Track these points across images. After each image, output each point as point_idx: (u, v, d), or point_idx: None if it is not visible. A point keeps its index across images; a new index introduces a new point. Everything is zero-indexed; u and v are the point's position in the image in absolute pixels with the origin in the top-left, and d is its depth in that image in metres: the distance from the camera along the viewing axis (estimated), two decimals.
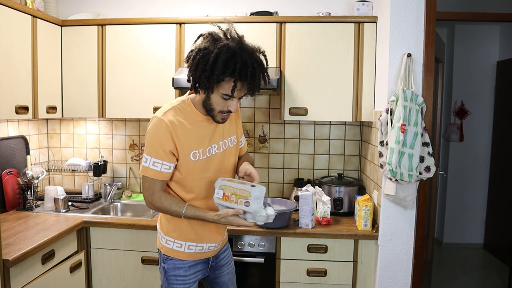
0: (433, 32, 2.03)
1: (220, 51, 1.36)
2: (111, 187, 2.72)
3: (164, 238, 1.63)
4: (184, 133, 1.48)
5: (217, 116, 1.50)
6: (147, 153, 1.48)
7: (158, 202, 1.51)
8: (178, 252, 1.62)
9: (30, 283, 1.85)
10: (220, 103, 1.46)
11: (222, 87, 1.41)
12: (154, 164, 1.47)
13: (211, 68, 1.36)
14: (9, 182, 2.45)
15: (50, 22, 2.48)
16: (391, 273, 2.15)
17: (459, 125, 4.34)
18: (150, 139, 1.47)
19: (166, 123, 1.45)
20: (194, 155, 1.51)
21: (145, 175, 1.49)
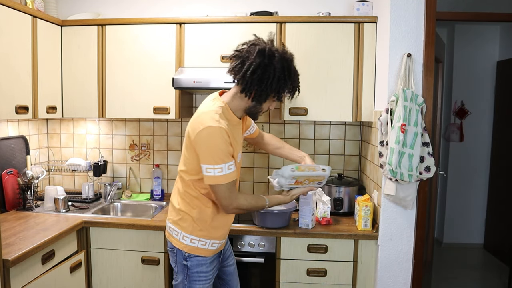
0: (433, 32, 2.03)
1: (281, 72, 1.55)
2: (111, 187, 2.72)
3: (188, 237, 1.69)
4: (233, 136, 1.61)
5: (257, 114, 1.69)
6: (220, 162, 1.53)
7: (244, 203, 1.63)
8: (203, 250, 1.71)
9: (30, 283, 1.85)
10: (267, 105, 1.67)
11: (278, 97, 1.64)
12: (229, 168, 1.56)
13: (278, 87, 1.57)
14: (9, 182, 2.45)
15: (50, 22, 2.48)
16: (391, 273, 2.15)
17: (459, 125, 4.34)
18: (217, 147, 1.52)
19: (224, 130, 1.53)
20: (238, 156, 1.71)
21: (225, 182, 1.55)
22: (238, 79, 1.59)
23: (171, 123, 2.91)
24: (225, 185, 1.56)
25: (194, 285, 1.72)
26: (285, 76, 1.57)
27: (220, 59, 2.46)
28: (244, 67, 1.55)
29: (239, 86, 1.60)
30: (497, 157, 4.26)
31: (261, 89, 1.55)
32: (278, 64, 1.54)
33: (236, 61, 1.60)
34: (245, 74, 1.54)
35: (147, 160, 2.94)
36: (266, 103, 1.64)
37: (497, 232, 4.20)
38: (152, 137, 2.93)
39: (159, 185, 2.79)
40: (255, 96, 1.58)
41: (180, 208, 1.72)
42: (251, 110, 1.66)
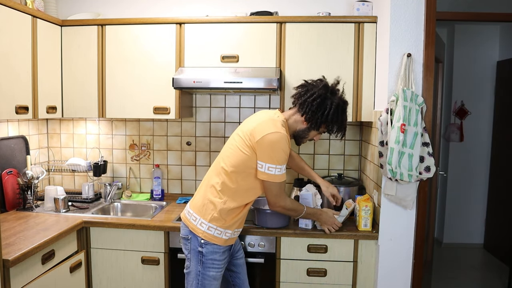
0: (433, 32, 2.03)
1: (337, 107, 1.82)
2: (111, 187, 2.72)
3: (206, 225, 1.83)
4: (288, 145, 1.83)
5: (303, 141, 1.93)
6: (281, 163, 1.76)
7: (289, 203, 1.90)
8: (218, 238, 1.83)
9: (30, 283, 1.85)
10: (314, 135, 1.91)
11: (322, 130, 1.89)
12: (284, 170, 1.79)
13: (331, 119, 1.82)
14: (9, 182, 2.45)
15: (50, 22, 2.48)
16: (391, 273, 2.15)
17: (459, 125, 4.34)
18: (280, 150, 1.74)
19: (288, 138, 1.79)
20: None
21: (280, 181, 1.78)
22: (299, 103, 1.86)
23: (171, 123, 2.91)
24: (279, 183, 1.79)
25: (208, 272, 1.84)
26: (339, 112, 1.83)
27: (220, 59, 2.46)
28: (308, 93, 1.83)
29: (298, 108, 1.86)
30: (497, 157, 4.26)
31: (317, 116, 1.81)
32: (336, 100, 1.83)
33: (301, 88, 1.88)
34: (307, 99, 1.82)
35: (147, 160, 2.94)
36: (314, 132, 1.88)
37: (497, 232, 4.20)
38: (152, 137, 2.93)
39: (159, 185, 2.79)
40: (309, 121, 1.84)
41: (206, 195, 1.87)
42: (299, 134, 1.89)
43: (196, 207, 1.88)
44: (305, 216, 2.01)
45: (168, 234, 2.26)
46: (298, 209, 1.96)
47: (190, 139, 2.91)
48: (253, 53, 2.43)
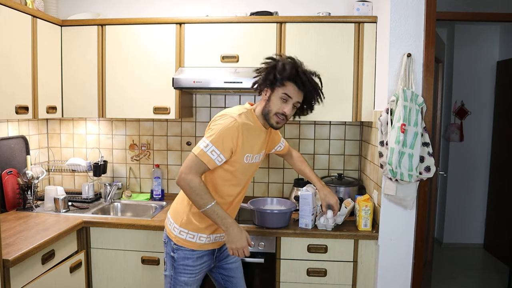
0: (433, 32, 2.03)
1: (286, 63, 1.69)
2: (111, 187, 2.72)
3: (178, 229, 1.78)
4: (248, 137, 1.70)
5: (272, 119, 1.71)
6: (211, 141, 1.62)
7: (196, 183, 1.61)
8: (190, 242, 1.78)
9: (30, 283, 1.85)
10: (278, 105, 1.69)
11: (283, 88, 1.68)
12: (212, 152, 1.62)
13: (279, 73, 1.66)
14: (9, 182, 2.45)
15: (50, 22, 2.48)
16: (391, 273, 2.15)
17: (459, 125, 4.34)
18: (221, 131, 1.63)
19: (239, 124, 1.65)
20: (247, 158, 1.73)
21: (198, 157, 1.61)
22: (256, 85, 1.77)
23: (171, 123, 2.91)
24: (199, 160, 1.62)
25: (179, 277, 1.79)
26: (290, 67, 1.67)
27: (220, 59, 2.46)
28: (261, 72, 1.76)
29: (257, 90, 1.77)
30: (497, 157, 4.26)
31: (267, 79, 1.69)
32: (284, 61, 1.70)
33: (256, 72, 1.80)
34: (260, 74, 1.75)
35: (147, 160, 2.94)
36: (275, 96, 1.69)
37: (497, 232, 4.20)
38: (152, 137, 2.93)
39: (159, 185, 2.79)
40: (266, 85, 1.71)
41: (178, 199, 1.86)
42: (264, 111, 1.72)
43: (172, 210, 1.86)
44: (210, 213, 1.62)
45: None
46: (205, 197, 1.61)
47: (190, 139, 2.91)
48: (253, 53, 2.43)
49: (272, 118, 1.71)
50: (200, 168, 1.62)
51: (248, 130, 1.69)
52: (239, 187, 1.81)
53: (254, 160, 1.79)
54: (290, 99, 1.68)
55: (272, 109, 1.70)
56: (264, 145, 1.86)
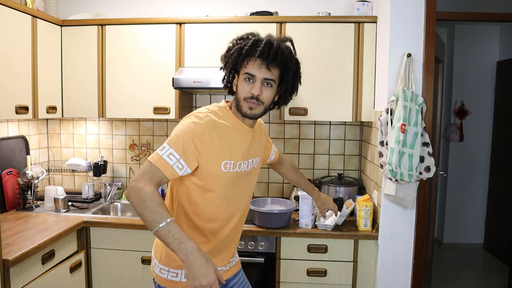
0: (433, 32, 2.03)
1: (247, 42, 1.39)
2: (111, 187, 2.72)
3: (158, 267, 1.44)
4: (222, 138, 1.35)
5: (244, 106, 1.37)
6: (168, 143, 1.29)
7: (143, 192, 1.18)
8: (173, 282, 1.42)
9: (30, 283, 1.85)
10: (244, 88, 1.36)
11: (244, 69, 1.37)
12: (169, 156, 1.26)
13: (238, 52, 1.38)
14: (9, 182, 2.45)
15: (50, 22, 2.48)
16: (391, 273, 2.15)
17: (459, 125, 4.34)
18: (179, 131, 1.30)
19: (204, 123, 1.32)
20: (225, 166, 1.37)
21: (152, 162, 1.25)
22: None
23: (171, 123, 2.91)
24: (151, 165, 1.24)
25: None
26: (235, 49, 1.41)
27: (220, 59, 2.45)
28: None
29: None
30: (497, 157, 4.26)
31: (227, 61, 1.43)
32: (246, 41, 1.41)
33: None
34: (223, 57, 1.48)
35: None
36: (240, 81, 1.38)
37: (497, 232, 4.20)
38: (152, 137, 2.93)
39: None
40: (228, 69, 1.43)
41: None
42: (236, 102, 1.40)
43: (154, 244, 1.51)
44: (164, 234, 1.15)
45: None
46: (157, 212, 1.17)
47: None
48: None
49: (243, 105, 1.37)
50: (154, 175, 1.24)
51: (221, 130, 1.35)
52: (229, 206, 1.42)
53: (241, 169, 1.41)
54: (254, 77, 1.34)
55: (240, 95, 1.38)
56: (256, 150, 1.51)
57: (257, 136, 1.52)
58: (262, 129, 1.60)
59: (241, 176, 1.43)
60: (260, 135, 1.56)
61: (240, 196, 1.47)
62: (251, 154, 1.47)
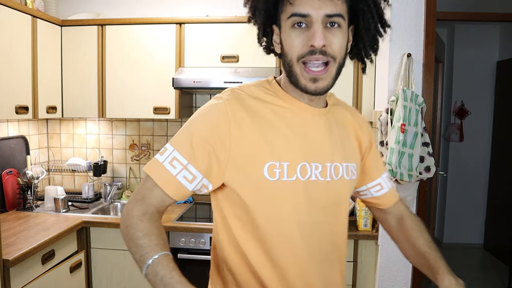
0: (433, 32, 2.03)
1: None
2: (111, 187, 2.72)
3: None
4: (255, 124, 0.84)
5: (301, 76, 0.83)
6: (171, 142, 0.86)
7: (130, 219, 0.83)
8: None
9: (30, 283, 1.85)
10: (295, 40, 0.82)
11: (291, 5, 0.81)
12: (171, 163, 0.82)
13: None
14: (9, 182, 2.45)
15: (50, 22, 2.48)
16: (391, 273, 2.15)
17: (459, 125, 4.34)
18: (188, 122, 0.87)
19: (223, 104, 0.84)
20: (271, 170, 0.83)
21: (148, 174, 0.84)
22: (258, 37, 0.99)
23: (171, 123, 2.91)
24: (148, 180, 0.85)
25: None
26: None
27: (220, 59, 2.46)
28: None
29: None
30: (497, 157, 4.26)
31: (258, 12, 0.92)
32: None
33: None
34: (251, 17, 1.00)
35: (147, 160, 2.94)
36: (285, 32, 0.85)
37: (497, 232, 4.20)
38: (152, 137, 2.93)
39: None
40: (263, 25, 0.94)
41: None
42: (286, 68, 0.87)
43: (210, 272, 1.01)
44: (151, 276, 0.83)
45: (168, 234, 2.26)
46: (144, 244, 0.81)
47: None
48: (253, 53, 2.42)
49: (299, 72, 0.83)
50: (150, 193, 0.84)
51: (257, 111, 0.85)
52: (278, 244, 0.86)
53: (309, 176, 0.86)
54: (309, 17, 0.80)
55: (290, 54, 0.84)
56: (339, 149, 0.92)
57: (338, 125, 0.94)
58: (356, 119, 0.99)
59: (317, 190, 0.87)
60: (345, 125, 0.96)
61: (323, 220, 0.89)
62: (331, 155, 0.89)
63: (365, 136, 1.01)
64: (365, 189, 1.05)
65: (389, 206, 1.07)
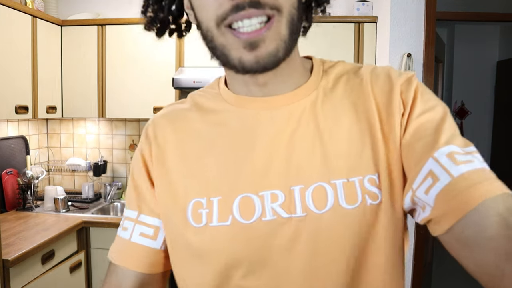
0: (433, 32, 2.03)
1: None
2: (111, 187, 2.72)
3: None
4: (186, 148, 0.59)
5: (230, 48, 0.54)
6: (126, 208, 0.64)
7: None
8: None
9: (30, 283, 1.85)
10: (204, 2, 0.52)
11: None
12: (123, 226, 0.63)
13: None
14: (9, 182, 2.45)
15: (50, 22, 2.48)
16: None
17: (459, 125, 4.34)
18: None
19: (147, 127, 0.65)
20: (196, 212, 0.55)
21: (108, 257, 0.63)
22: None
23: None
24: (113, 267, 0.62)
25: None
26: None
27: None
28: None
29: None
30: (497, 157, 4.26)
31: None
32: None
33: None
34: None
35: None
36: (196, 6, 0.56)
37: None
38: None
39: None
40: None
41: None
42: (206, 36, 0.60)
43: None
44: None
45: None
46: None
47: None
48: None
49: (224, 41, 0.54)
50: (113, 280, 0.61)
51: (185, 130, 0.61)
52: None
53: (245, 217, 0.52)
54: None
55: (205, 19, 0.55)
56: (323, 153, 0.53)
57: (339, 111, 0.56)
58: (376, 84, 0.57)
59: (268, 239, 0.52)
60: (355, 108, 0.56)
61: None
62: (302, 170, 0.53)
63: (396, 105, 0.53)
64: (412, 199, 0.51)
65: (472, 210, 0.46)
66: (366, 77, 0.59)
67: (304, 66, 0.60)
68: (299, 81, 0.58)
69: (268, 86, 0.56)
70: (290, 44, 0.52)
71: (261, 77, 0.55)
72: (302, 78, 0.58)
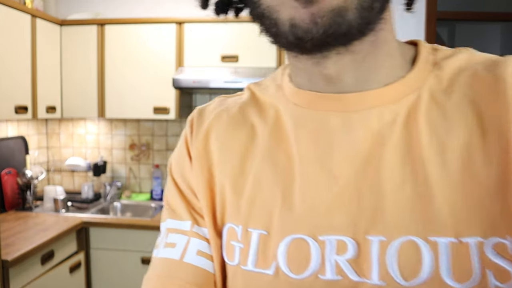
0: (434, 31, 2.02)
1: None
2: (110, 187, 2.72)
3: None
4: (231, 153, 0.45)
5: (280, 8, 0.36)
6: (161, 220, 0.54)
7: None
8: None
9: (30, 284, 1.84)
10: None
11: None
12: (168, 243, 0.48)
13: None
14: (9, 182, 2.45)
15: (49, 22, 2.47)
16: None
17: None
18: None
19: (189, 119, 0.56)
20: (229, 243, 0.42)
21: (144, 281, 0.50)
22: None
23: (171, 123, 2.90)
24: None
25: None
26: None
27: (220, 59, 2.45)
28: None
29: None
30: None
31: None
32: None
33: None
34: None
35: (147, 160, 2.93)
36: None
37: None
38: (152, 137, 2.93)
39: (159, 185, 2.78)
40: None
41: None
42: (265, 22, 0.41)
43: None
44: None
45: None
46: None
47: None
48: (253, 53, 2.42)
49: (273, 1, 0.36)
50: None
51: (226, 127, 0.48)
52: None
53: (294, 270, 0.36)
54: None
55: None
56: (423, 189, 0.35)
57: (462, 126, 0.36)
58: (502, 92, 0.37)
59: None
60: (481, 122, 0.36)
61: None
62: (383, 215, 0.35)
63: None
64: None
65: None
66: (509, 77, 0.38)
67: (403, 54, 0.44)
68: (392, 74, 0.41)
69: (340, 79, 0.38)
70: (371, 8, 0.35)
71: (328, 62, 0.37)
72: (398, 71, 0.42)
